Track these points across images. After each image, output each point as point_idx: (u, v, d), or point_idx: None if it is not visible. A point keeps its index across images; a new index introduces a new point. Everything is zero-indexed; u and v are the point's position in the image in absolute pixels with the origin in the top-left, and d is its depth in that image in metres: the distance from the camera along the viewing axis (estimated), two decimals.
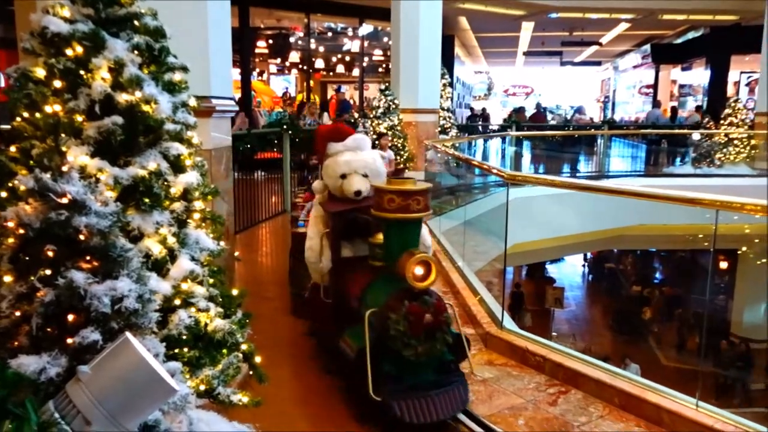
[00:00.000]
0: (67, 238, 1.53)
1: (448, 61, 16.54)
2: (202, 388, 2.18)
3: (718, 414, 2.89)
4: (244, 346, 2.39)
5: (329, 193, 3.58)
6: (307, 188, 5.05)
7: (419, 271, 2.81)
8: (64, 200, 1.51)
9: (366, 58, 18.60)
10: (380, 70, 18.53)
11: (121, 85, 1.98)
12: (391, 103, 9.38)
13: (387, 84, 9.88)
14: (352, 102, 16.70)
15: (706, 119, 13.52)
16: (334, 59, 19.38)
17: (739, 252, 11.48)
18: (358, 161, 3.45)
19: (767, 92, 11.23)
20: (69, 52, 1.92)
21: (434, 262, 2.87)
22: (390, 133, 8.95)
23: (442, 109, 12.01)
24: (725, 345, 11.38)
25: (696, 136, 13.09)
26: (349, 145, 3.54)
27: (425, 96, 9.97)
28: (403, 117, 9.42)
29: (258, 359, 2.47)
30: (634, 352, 11.76)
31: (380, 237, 3.17)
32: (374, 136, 8.00)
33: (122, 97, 1.97)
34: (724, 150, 11.68)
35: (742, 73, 20.30)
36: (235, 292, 2.54)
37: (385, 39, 17.15)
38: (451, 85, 14.46)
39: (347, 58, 19.32)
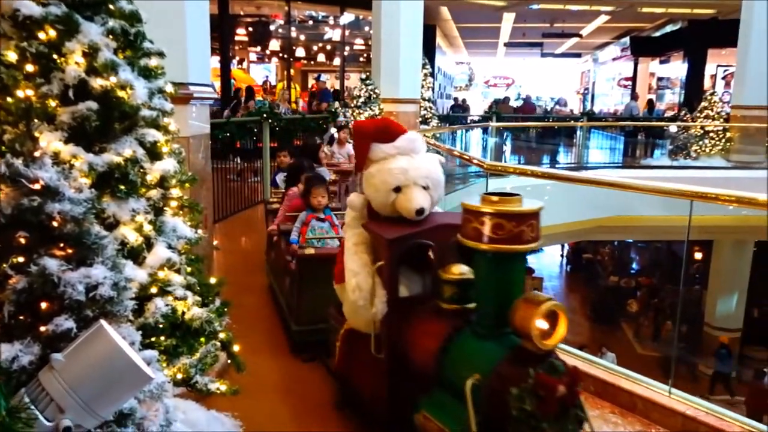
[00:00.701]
0: (39, 224, 1.51)
1: (429, 51, 16.51)
2: (180, 376, 2.17)
3: (689, 400, 2.97)
4: (222, 335, 2.39)
5: (370, 211, 2.77)
6: (303, 192, 4.30)
7: (543, 325, 1.95)
8: (37, 186, 1.49)
9: (347, 47, 18.50)
10: (361, 59, 18.47)
11: (95, 69, 1.95)
12: (372, 93, 9.36)
13: (368, 73, 9.86)
14: (332, 91, 16.61)
15: (684, 111, 13.70)
16: (314, 48, 19.24)
17: (713, 242, 11.72)
18: (418, 169, 2.65)
19: (763, 86, 11.16)
20: (42, 35, 1.88)
21: (564, 312, 2.00)
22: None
23: (423, 99, 12.02)
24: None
25: (673, 128, 13.28)
26: (402, 147, 2.70)
27: (406, 86, 9.97)
28: (384, 107, 9.41)
29: (236, 348, 2.47)
30: (611, 341, 11.97)
31: (455, 271, 2.42)
32: (333, 131, 7.92)
33: (97, 83, 1.94)
34: (700, 142, 11.86)
35: (718, 66, 20.58)
36: (213, 280, 2.54)
37: (367, 28, 17.06)
38: (432, 75, 14.47)
39: (328, 47, 19.20)
